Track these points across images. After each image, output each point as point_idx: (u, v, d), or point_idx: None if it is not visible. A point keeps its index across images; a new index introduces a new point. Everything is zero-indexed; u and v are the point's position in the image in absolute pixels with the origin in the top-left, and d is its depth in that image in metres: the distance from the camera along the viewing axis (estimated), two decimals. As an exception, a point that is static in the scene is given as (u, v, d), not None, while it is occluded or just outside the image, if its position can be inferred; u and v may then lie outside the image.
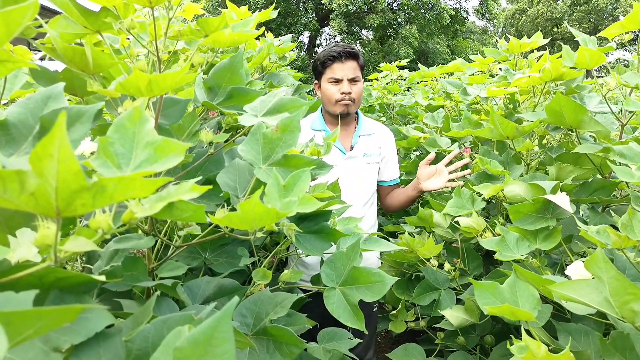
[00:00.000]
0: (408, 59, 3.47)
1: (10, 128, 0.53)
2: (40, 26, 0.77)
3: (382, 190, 2.02)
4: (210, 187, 0.52)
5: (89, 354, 0.45)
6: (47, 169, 0.34)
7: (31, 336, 0.33)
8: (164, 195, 0.46)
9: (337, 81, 1.82)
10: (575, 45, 1.40)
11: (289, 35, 2.13)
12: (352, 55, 1.82)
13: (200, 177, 0.60)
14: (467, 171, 1.73)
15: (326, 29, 22.10)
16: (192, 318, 0.46)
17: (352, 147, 1.89)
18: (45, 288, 0.46)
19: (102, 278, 0.46)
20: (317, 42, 22.73)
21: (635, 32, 1.35)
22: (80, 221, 0.74)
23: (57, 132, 0.33)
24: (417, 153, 2.57)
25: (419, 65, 2.97)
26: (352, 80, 1.82)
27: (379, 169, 1.94)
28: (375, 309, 1.91)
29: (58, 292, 0.47)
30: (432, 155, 1.84)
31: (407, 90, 3.81)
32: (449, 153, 1.98)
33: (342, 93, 1.80)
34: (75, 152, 0.72)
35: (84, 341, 0.44)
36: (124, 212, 0.46)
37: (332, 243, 0.94)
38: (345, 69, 1.81)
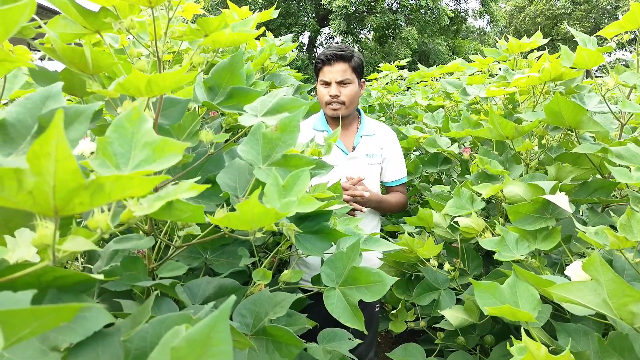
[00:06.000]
0: (407, 60, 3.48)
1: (8, 128, 0.53)
2: (40, 26, 0.77)
3: (387, 191, 2.03)
4: (209, 185, 0.52)
5: (88, 353, 0.45)
6: (44, 167, 0.34)
7: (27, 336, 0.33)
8: (163, 194, 0.46)
9: (327, 84, 1.84)
10: (576, 45, 1.40)
11: (290, 35, 2.13)
12: (341, 58, 1.82)
13: (199, 177, 0.60)
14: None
15: (326, 30, 22.11)
16: (190, 318, 0.46)
17: (354, 148, 1.90)
18: (43, 287, 0.46)
19: (100, 276, 0.46)
20: (317, 42, 22.74)
21: (634, 32, 1.35)
22: (80, 222, 0.74)
23: (55, 131, 0.33)
24: (417, 153, 2.58)
25: (419, 65, 2.97)
26: (342, 83, 1.83)
27: (382, 169, 1.94)
28: (377, 310, 1.91)
29: (56, 292, 0.47)
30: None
31: (407, 90, 3.81)
32: (448, 153, 1.98)
33: (330, 96, 1.82)
34: (75, 151, 0.72)
35: (82, 340, 0.44)
36: (122, 212, 0.46)
37: (332, 243, 0.94)
38: (334, 72, 1.82)
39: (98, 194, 0.37)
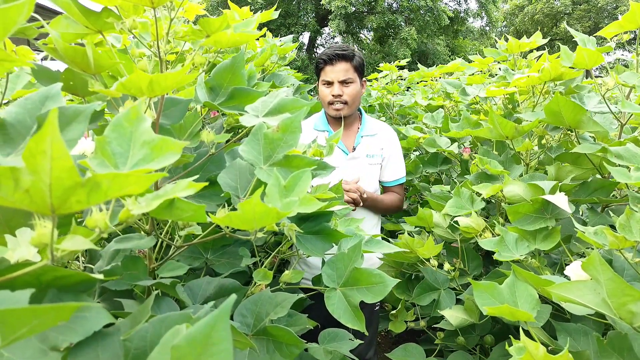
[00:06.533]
0: (407, 60, 3.48)
1: (7, 128, 0.53)
2: (42, 26, 0.77)
3: (384, 190, 2.03)
4: (206, 183, 0.52)
5: (87, 353, 0.45)
6: (40, 166, 0.34)
7: (25, 335, 0.34)
8: (161, 193, 0.47)
9: (329, 84, 1.83)
10: (576, 45, 1.40)
11: (290, 36, 2.14)
12: (343, 57, 1.82)
13: (197, 176, 0.60)
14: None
15: (326, 30, 22.12)
16: (190, 317, 0.46)
17: (354, 148, 1.90)
18: (42, 287, 0.46)
19: (100, 276, 0.46)
20: (317, 42, 22.75)
21: (634, 31, 1.35)
22: (82, 222, 0.74)
23: (49, 129, 0.33)
24: (417, 153, 2.58)
25: (419, 65, 2.97)
26: (344, 82, 1.82)
27: (381, 168, 1.94)
28: (377, 309, 1.91)
29: (56, 292, 0.47)
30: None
31: (407, 90, 3.82)
32: (448, 153, 1.98)
33: (333, 95, 1.82)
34: (76, 151, 0.72)
35: (82, 340, 0.44)
36: (121, 211, 0.46)
37: (334, 244, 0.95)
38: (336, 71, 1.82)
39: (95, 192, 0.37)
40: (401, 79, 3.39)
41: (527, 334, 0.82)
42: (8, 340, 0.33)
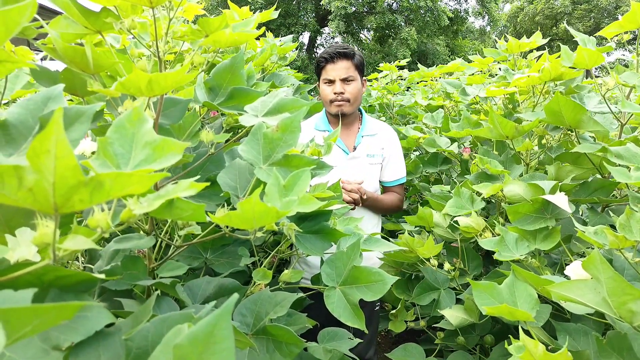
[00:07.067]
0: (406, 60, 3.48)
1: (10, 128, 0.53)
2: (42, 26, 0.77)
3: (384, 190, 2.03)
4: (208, 184, 0.52)
5: (89, 352, 0.45)
6: (44, 165, 0.34)
7: (29, 333, 0.34)
8: (162, 193, 0.47)
9: (331, 82, 1.84)
10: (576, 45, 1.40)
11: (290, 36, 2.14)
12: (345, 55, 1.83)
13: (198, 176, 0.60)
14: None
15: (326, 30, 22.13)
16: (191, 316, 0.46)
17: (355, 148, 1.90)
18: (44, 287, 0.46)
19: (102, 276, 0.46)
20: (317, 42, 22.77)
21: (634, 31, 1.35)
22: (82, 222, 0.74)
23: (54, 128, 0.33)
24: (417, 153, 2.58)
25: (419, 65, 2.98)
26: (345, 80, 1.83)
27: (381, 167, 1.95)
28: (377, 308, 1.91)
29: (57, 291, 0.47)
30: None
31: (407, 90, 3.82)
32: (448, 153, 1.99)
33: (335, 93, 1.82)
34: (76, 151, 0.72)
35: (83, 340, 0.44)
36: (122, 211, 0.47)
37: (333, 243, 0.95)
38: (337, 69, 1.82)
39: (98, 191, 0.37)
40: (401, 79, 3.39)
41: (527, 333, 0.82)
42: (11, 339, 0.33)
